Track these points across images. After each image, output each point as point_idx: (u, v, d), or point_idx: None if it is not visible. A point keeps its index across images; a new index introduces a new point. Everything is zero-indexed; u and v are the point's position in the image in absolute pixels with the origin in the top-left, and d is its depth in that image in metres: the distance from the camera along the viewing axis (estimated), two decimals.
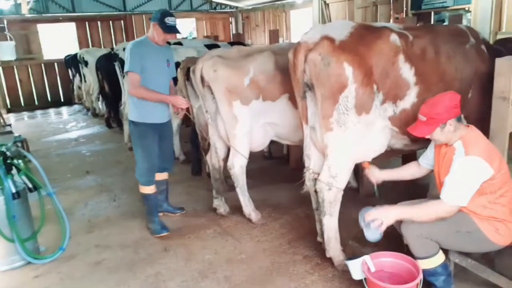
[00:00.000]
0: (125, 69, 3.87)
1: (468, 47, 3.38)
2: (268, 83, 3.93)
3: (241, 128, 4.00)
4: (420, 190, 4.45)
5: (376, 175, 3.19)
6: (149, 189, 4.14)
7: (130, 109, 4.07)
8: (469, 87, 3.34)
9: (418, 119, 2.74)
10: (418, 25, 7.16)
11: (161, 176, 4.38)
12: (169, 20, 3.83)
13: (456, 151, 2.64)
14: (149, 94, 3.87)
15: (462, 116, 3.41)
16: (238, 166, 4.12)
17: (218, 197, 4.47)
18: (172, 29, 3.90)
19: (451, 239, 2.70)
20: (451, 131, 2.65)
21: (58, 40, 15.17)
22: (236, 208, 4.47)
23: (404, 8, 9.08)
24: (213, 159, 4.43)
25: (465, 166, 2.56)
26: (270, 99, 3.99)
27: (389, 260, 2.90)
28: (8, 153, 3.66)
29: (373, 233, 2.74)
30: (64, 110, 13.04)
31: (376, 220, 2.68)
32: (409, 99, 3.09)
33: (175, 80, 4.38)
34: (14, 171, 3.72)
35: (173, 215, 4.54)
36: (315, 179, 3.26)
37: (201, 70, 4.01)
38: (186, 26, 16.62)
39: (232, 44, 8.17)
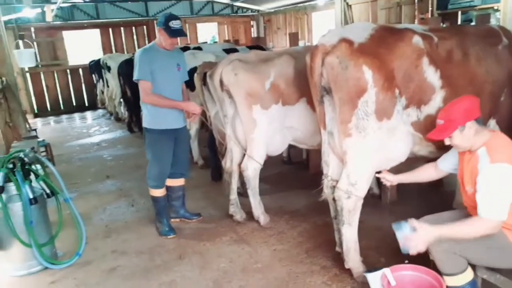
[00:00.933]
0: (135, 77, 3.85)
1: (500, 48, 3.19)
2: (287, 87, 3.88)
3: (259, 132, 3.94)
4: (445, 196, 4.27)
5: (390, 179, 3.02)
6: (158, 192, 4.18)
7: (144, 116, 4.07)
8: (501, 90, 3.15)
9: (436, 124, 2.59)
10: (445, 26, 6.93)
11: (177, 182, 4.36)
12: (173, 24, 3.77)
13: (480, 159, 2.44)
14: (161, 100, 3.86)
15: (492, 121, 3.24)
16: (252, 169, 4.06)
17: (235, 204, 4.40)
18: (177, 33, 3.84)
19: (482, 255, 2.52)
20: (471, 134, 2.47)
21: (83, 46, 15.53)
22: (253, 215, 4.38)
23: (430, 8, 8.81)
24: (227, 164, 4.37)
25: (493, 176, 2.35)
26: (289, 103, 3.94)
27: (410, 273, 2.75)
28: (26, 159, 3.68)
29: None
30: (88, 114, 13.29)
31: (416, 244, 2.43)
32: (435, 104, 2.93)
33: (188, 84, 4.32)
34: (32, 176, 3.75)
35: (189, 221, 4.49)
36: (334, 187, 3.14)
37: (221, 74, 3.96)
38: (208, 30, 16.75)
39: (250, 48, 8.11)
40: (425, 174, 3.03)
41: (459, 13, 8.32)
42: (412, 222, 2.46)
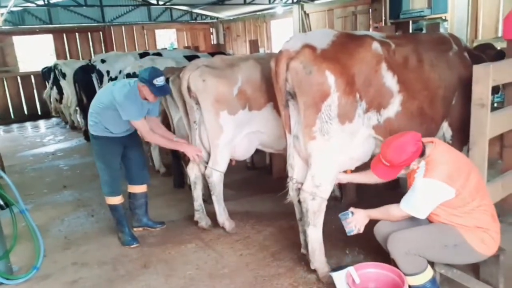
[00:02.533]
0: (131, 117, 3.79)
1: (451, 55, 3.39)
2: (254, 92, 3.89)
3: (224, 138, 3.94)
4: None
5: (340, 177, 3.15)
6: (116, 200, 4.12)
7: (90, 123, 3.98)
8: (452, 94, 3.35)
9: (381, 161, 2.70)
10: (399, 33, 7.24)
11: (139, 189, 4.30)
12: (158, 82, 3.68)
13: (418, 170, 2.68)
14: (162, 142, 4.10)
15: (445, 123, 3.43)
16: (216, 175, 4.05)
17: (200, 210, 4.37)
18: (163, 91, 3.79)
19: (439, 254, 2.68)
20: (415, 168, 2.68)
21: (35, 52, 14.90)
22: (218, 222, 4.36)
23: (383, 18, 9.21)
24: (202, 168, 4.30)
25: (422, 187, 2.62)
26: (256, 108, 3.95)
27: (374, 271, 2.85)
28: None
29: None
30: (42, 123, 12.74)
31: (355, 227, 2.90)
32: (393, 108, 3.06)
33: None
34: None
35: (153, 230, 4.41)
36: (299, 189, 3.20)
37: (188, 80, 3.91)
38: (167, 37, 16.57)
39: (212, 54, 8.11)
40: (374, 176, 3.12)
41: (410, 22, 8.76)
42: (351, 209, 2.93)
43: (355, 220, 2.89)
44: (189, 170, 4.35)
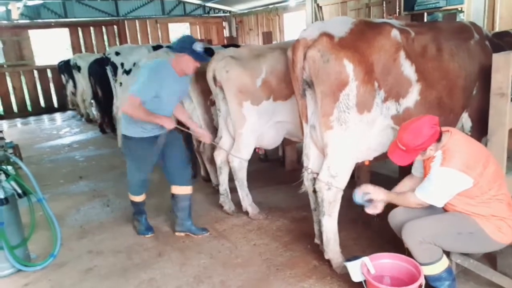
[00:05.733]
0: (133, 91, 3.45)
1: (472, 43, 3.31)
2: (279, 83, 3.89)
3: (247, 127, 3.98)
4: None
5: (374, 196, 2.89)
6: (137, 198, 4.12)
7: (123, 124, 3.78)
8: (473, 84, 3.27)
9: (397, 146, 2.67)
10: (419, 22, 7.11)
11: (180, 190, 3.98)
12: (198, 47, 3.46)
13: (435, 159, 2.65)
14: (141, 115, 3.45)
15: (464, 114, 3.37)
16: (237, 161, 4.09)
17: (225, 194, 4.44)
18: (203, 56, 3.55)
19: (454, 241, 2.64)
20: (432, 153, 2.65)
21: (51, 46, 15.08)
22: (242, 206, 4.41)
23: (397, 10, 9.07)
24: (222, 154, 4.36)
25: (439, 176, 2.59)
26: (281, 99, 3.97)
27: (389, 261, 2.83)
28: None
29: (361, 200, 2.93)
30: (58, 116, 12.91)
31: (369, 194, 2.88)
32: (412, 97, 3.01)
33: None
34: (2, 176, 3.61)
35: (195, 236, 4.06)
36: (314, 179, 3.18)
37: (214, 71, 3.96)
38: (180, 31, 16.61)
39: (225, 47, 8.09)
40: (408, 187, 2.99)
41: (425, 14, 8.61)
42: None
43: (367, 188, 2.88)
44: (216, 156, 4.43)
